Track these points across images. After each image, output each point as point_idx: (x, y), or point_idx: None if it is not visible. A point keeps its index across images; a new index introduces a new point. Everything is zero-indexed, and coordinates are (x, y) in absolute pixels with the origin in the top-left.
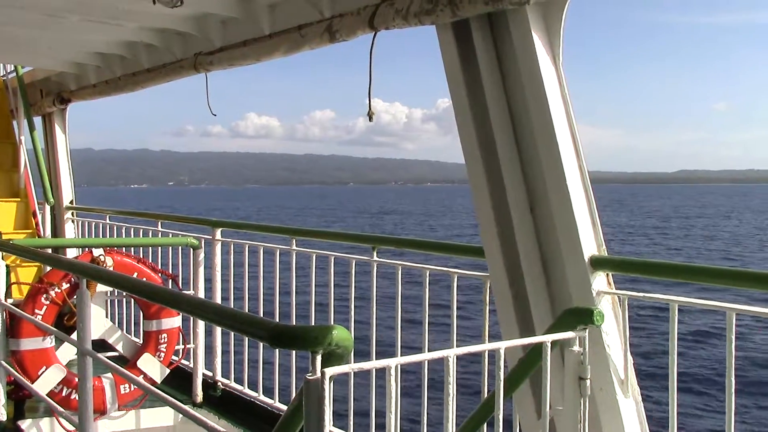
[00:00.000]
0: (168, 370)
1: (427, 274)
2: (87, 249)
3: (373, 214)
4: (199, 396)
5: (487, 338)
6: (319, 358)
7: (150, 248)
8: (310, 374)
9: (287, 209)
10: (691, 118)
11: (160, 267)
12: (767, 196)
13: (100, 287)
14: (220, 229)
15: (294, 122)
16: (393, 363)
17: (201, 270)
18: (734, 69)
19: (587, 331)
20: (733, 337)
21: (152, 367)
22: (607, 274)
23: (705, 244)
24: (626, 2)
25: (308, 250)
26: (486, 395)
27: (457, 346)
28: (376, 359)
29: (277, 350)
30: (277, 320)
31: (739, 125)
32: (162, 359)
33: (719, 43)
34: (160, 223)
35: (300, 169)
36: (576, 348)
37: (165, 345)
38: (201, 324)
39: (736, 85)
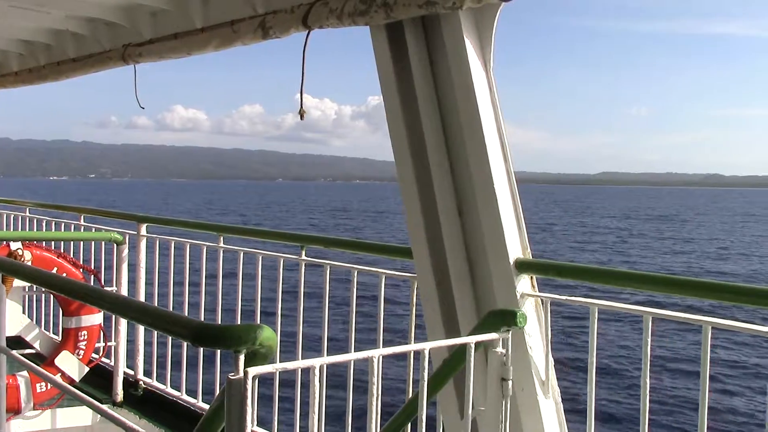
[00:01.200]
0: (87, 369)
1: (355, 274)
2: (4, 242)
3: (332, 211)
4: (120, 395)
5: (413, 339)
6: (242, 357)
7: (72, 243)
8: (232, 374)
9: (239, 205)
10: (613, 122)
11: (81, 262)
12: (688, 197)
13: (17, 282)
14: (146, 224)
15: (222, 116)
16: (317, 363)
17: (124, 266)
18: (655, 75)
19: (510, 332)
20: (649, 340)
21: (71, 365)
22: (531, 277)
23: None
24: (552, 8)
25: (235, 248)
26: (411, 395)
27: (383, 346)
28: (302, 359)
29: (201, 349)
30: (202, 319)
31: (659, 130)
32: (81, 357)
33: (642, 50)
34: (82, 216)
35: (227, 163)
36: (499, 349)
37: (85, 343)
38: (123, 321)
39: (656, 91)
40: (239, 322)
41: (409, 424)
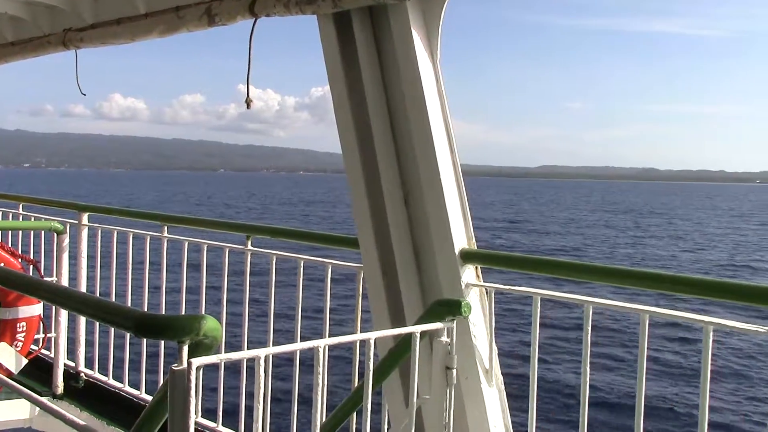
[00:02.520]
0: (26, 361)
1: (302, 264)
2: None
3: (310, 203)
4: (60, 387)
5: (359, 328)
6: (186, 348)
7: (10, 232)
8: (176, 365)
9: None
10: (553, 116)
11: (20, 252)
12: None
13: None
14: (87, 213)
15: (162, 105)
16: (262, 353)
17: (65, 256)
18: (595, 70)
19: (455, 322)
20: (590, 329)
21: (8, 357)
22: (476, 267)
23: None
24: (498, 1)
25: (180, 237)
26: (357, 384)
27: (329, 336)
28: (248, 349)
29: (144, 340)
30: (146, 309)
31: (597, 124)
32: (20, 349)
33: (584, 46)
34: (21, 205)
35: (167, 154)
36: (444, 338)
37: (23, 334)
38: (64, 312)
39: (595, 85)
40: (184, 313)
41: (355, 413)
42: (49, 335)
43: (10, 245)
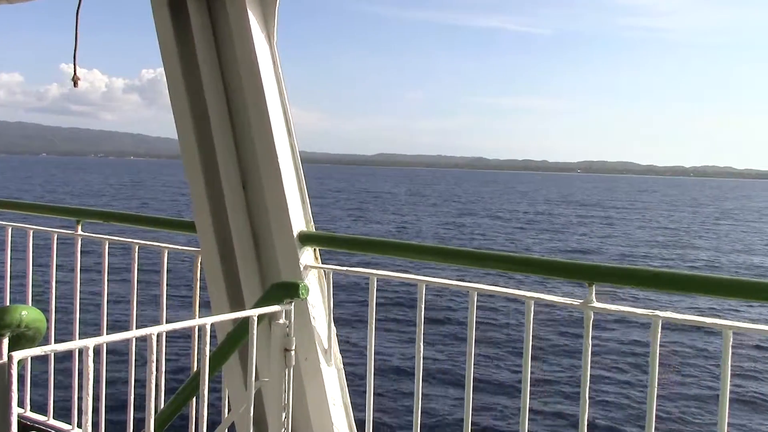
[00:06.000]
0: None
1: (136, 249)
2: None
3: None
4: None
5: (197, 313)
6: (5, 341)
7: None
8: None
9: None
10: (389, 105)
11: None
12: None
13: None
14: None
15: None
16: (91, 343)
17: None
18: (429, 62)
19: (293, 304)
20: (423, 306)
21: None
22: (315, 249)
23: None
24: None
25: (3, 222)
26: (195, 370)
27: (166, 323)
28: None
29: None
30: None
31: (430, 114)
32: None
33: (420, 38)
34: None
35: None
36: (282, 321)
37: None
38: None
39: (429, 77)
40: (9, 305)
41: (194, 399)
42: None
43: None
